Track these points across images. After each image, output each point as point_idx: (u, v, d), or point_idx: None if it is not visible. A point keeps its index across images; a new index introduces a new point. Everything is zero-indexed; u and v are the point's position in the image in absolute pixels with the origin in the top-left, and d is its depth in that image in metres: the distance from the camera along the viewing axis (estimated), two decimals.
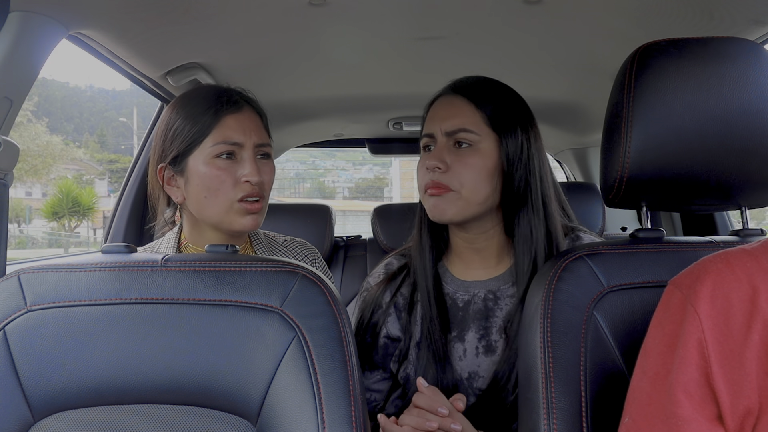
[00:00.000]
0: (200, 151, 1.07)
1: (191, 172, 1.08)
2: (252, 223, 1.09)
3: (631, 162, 0.82)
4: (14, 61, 0.99)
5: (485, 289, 1.12)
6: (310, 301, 0.77)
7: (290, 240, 1.28)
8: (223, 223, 1.08)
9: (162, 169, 1.10)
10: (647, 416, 0.63)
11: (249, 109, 1.12)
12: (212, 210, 1.08)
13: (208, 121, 1.06)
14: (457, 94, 1.11)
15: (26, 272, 0.82)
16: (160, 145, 1.11)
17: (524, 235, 1.07)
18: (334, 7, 1.22)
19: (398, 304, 1.18)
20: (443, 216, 1.08)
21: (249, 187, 1.07)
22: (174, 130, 1.08)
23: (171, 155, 1.08)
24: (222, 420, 0.76)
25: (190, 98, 1.11)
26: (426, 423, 0.95)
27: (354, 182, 39.54)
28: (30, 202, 25.50)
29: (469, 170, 1.06)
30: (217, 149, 1.06)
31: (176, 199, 1.12)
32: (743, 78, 0.79)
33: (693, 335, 0.62)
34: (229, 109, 1.08)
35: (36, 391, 0.77)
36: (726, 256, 0.65)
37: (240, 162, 1.08)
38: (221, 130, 1.07)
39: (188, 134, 1.07)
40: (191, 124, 1.07)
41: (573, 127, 2.29)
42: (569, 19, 1.31)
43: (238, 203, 1.07)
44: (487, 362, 1.08)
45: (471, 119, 1.08)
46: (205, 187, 1.06)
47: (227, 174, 1.06)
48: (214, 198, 1.06)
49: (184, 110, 1.09)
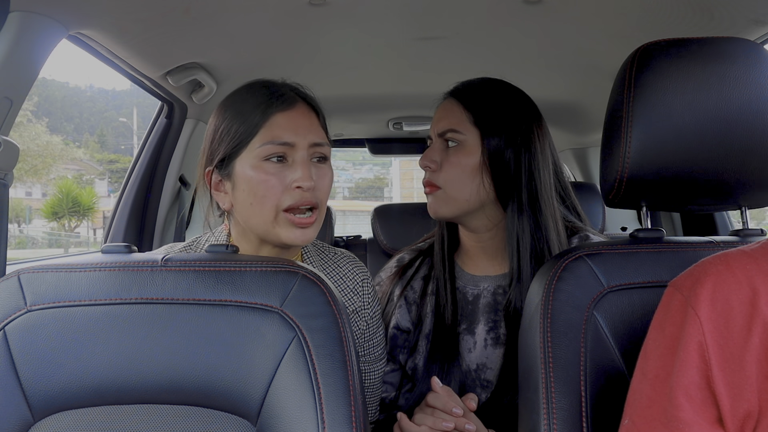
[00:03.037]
0: (248, 153, 0.96)
1: (238, 176, 0.97)
2: (302, 238, 0.97)
3: (631, 162, 0.82)
4: (14, 61, 0.99)
5: (494, 284, 1.15)
6: (310, 301, 0.77)
7: (340, 254, 1.14)
8: (269, 234, 0.98)
9: (209, 173, 1.01)
10: (647, 419, 0.63)
11: (303, 105, 1.01)
12: (258, 219, 0.97)
13: (256, 119, 0.97)
14: (452, 97, 1.16)
15: (26, 272, 0.82)
16: (207, 147, 1.02)
17: (510, 230, 1.10)
18: (334, 7, 1.22)
19: (408, 296, 1.21)
20: (436, 213, 1.14)
21: (300, 194, 0.95)
22: (221, 130, 0.99)
23: (218, 157, 0.99)
24: (222, 420, 0.76)
25: (239, 95, 1.02)
26: (443, 423, 0.96)
27: (354, 182, 39.56)
28: (30, 202, 25.51)
29: (453, 168, 1.11)
30: (266, 150, 0.95)
31: (224, 205, 1.02)
32: (743, 78, 0.79)
33: (693, 338, 0.62)
34: (279, 106, 0.97)
35: (36, 391, 0.77)
36: (726, 258, 0.65)
37: (291, 166, 0.97)
38: (270, 129, 0.96)
39: (235, 134, 0.97)
40: (238, 123, 0.97)
41: (573, 127, 2.29)
42: (569, 19, 1.31)
43: (284, 213, 0.96)
44: (495, 354, 1.11)
45: (458, 119, 1.12)
46: (251, 192, 0.96)
47: (276, 179, 0.95)
48: (260, 206, 0.96)
49: (232, 109, 1.00)
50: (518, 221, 1.09)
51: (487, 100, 1.12)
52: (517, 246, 1.09)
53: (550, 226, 1.10)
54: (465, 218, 1.14)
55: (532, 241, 1.09)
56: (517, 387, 1.04)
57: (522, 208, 1.09)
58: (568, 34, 1.40)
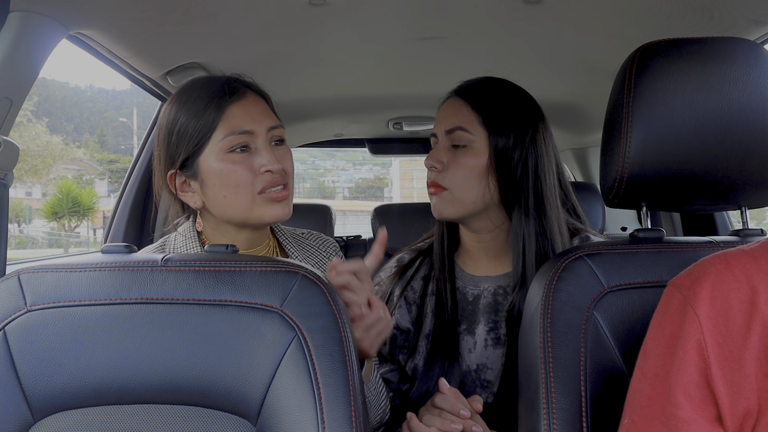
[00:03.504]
0: (211, 148, 0.98)
1: (205, 172, 0.99)
2: (282, 212, 1.01)
3: (631, 162, 0.82)
4: (14, 61, 0.99)
5: (495, 284, 1.15)
6: (310, 301, 0.77)
7: (308, 232, 1.22)
8: (250, 219, 1.00)
9: (172, 176, 1.02)
10: (647, 418, 0.63)
11: (252, 94, 1.04)
12: (235, 208, 1.00)
13: (212, 115, 0.98)
14: (458, 96, 1.15)
15: (26, 272, 0.82)
16: (165, 151, 1.02)
17: (515, 233, 1.10)
18: (334, 7, 1.22)
19: (408, 297, 1.21)
20: (441, 214, 1.13)
21: (270, 177, 0.99)
22: (177, 131, 1.00)
23: (180, 159, 1.00)
24: (222, 420, 0.76)
25: (188, 94, 1.03)
26: (451, 425, 0.96)
27: (354, 182, 39.59)
28: (30, 202, 25.51)
29: (461, 170, 1.10)
30: (229, 142, 0.98)
31: (194, 205, 1.03)
32: (743, 78, 0.79)
33: (692, 337, 0.62)
34: (232, 98, 1.00)
35: (36, 391, 0.77)
36: (725, 257, 0.65)
37: (255, 152, 0.99)
38: (228, 121, 0.98)
39: (193, 133, 0.98)
40: (195, 121, 0.99)
41: (573, 127, 2.29)
42: (569, 19, 1.31)
43: (260, 195, 0.99)
44: (495, 355, 1.11)
45: (467, 118, 1.11)
46: (223, 185, 0.98)
47: (244, 167, 0.98)
48: (235, 195, 0.98)
49: (185, 108, 1.00)
50: (524, 224, 1.09)
51: (494, 101, 1.12)
52: (522, 249, 1.09)
53: (554, 229, 1.10)
54: (468, 219, 1.13)
55: (537, 244, 1.09)
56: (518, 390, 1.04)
57: (528, 211, 1.09)
58: (568, 34, 1.40)
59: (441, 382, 1.02)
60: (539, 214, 1.09)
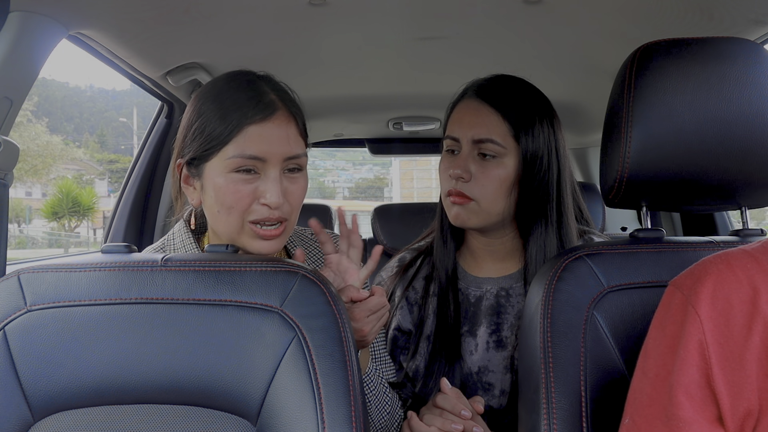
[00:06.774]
0: (218, 160, 0.92)
1: (207, 180, 0.94)
2: (269, 249, 0.94)
3: (631, 162, 0.82)
4: (14, 61, 0.99)
5: (497, 286, 1.14)
6: (310, 301, 0.77)
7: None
8: (235, 241, 0.95)
9: (180, 165, 0.97)
10: (648, 417, 0.63)
11: (282, 113, 0.94)
12: (223, 227, 0.94)
13: (229, 127, 0.91)
14: (484, 101, 1.09)
15: (26, 272, 0.82)
16: (181, 140, 0.97)
17: (538, 245, 1.08)
18: (334, 7, 1.22)
19: (410, 297, 1.20)
20: (465, 224, 1.10)
21: (267, 211, 0.92)
22: (195, 128, 0.94)
23: (188, 156, 0.95)
24: (222, 420, 0.76)
25: (219, 88, 0.95)
26: (452, 425, 0.96)
27: (354, 182, 39.58)
28: (30, 202, 25.52)
29: (492, 182, 1.07)
30: (235, 162, 0.91)
31: (192, 201, 0.99)
32: (743, 78, 0.79)
33: (694, 336, 0.62)
34: (255, 117, 0.91)
35: (36, 391, 0.77)
36: (726, 257, 0.65)
37: (263, 178, 0.92)
38: (242, 141, 0.91)
39: (207, 138, 0.92)
40: (213, 125, 0.92)
41: (573, 127, 2.29)
42: (569, 19, 1.31)
43: (250, 224, 0.93)
44: (497, 357, 1.10)
45: (498, 130, 1.07)
46: (218, 201, 0.92)
47: (245, 191, 0.91)
48: (226, 216, 0.93)
49: (213, 104, 0.93)
50: (547, 231, 1.08)
51: (522, 108, 1.08)
52: (542, 254, 1.08)
53: (573, 238, 1.09)
54: (492, 227, 1.12)
55: (558, 250, 1.08)
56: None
57: (551, 220, 1.08)
58: (568, 34, 1.40)
59: (443, 381, 1.01)
60: (560, 225, 1.09)
